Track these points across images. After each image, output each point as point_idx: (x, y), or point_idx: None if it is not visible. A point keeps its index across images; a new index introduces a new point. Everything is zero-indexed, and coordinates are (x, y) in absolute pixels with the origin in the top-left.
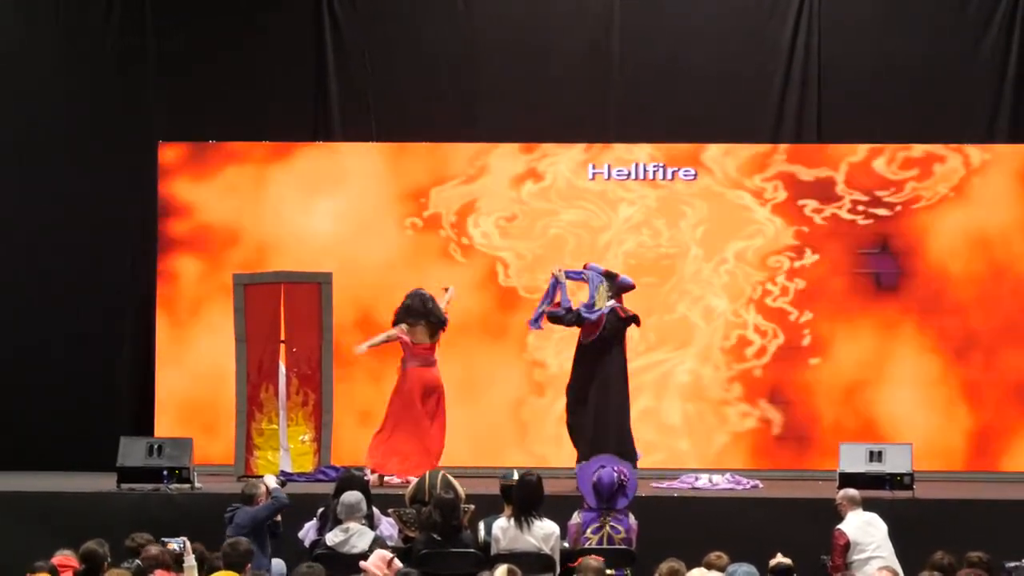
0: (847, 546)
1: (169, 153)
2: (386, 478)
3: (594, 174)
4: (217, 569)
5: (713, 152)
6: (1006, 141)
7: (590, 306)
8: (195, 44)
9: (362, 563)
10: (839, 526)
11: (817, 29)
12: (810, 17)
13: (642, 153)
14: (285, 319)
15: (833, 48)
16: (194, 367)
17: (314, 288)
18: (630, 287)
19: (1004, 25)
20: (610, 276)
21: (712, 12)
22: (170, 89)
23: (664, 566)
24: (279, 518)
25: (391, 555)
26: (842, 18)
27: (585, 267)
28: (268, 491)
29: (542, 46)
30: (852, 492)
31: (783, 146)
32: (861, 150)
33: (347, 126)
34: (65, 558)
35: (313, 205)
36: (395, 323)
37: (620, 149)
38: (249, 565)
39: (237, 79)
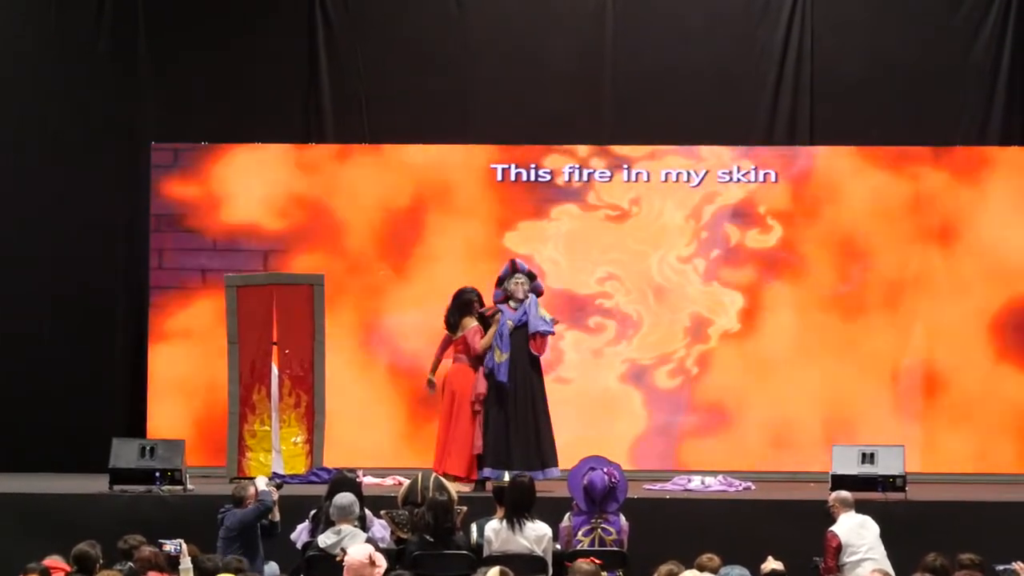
0: (839, 548)
1: (161, 154)
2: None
3: None
4: (209, 571)
5: None
6: (998, 143)
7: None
8: (187, 45)
9: (347, 559)
10: (831, 528)
11: (810, 31)
12: (803, 19)
13: None
14: (277, 321)
15: (826, 50)
16: (187, 368)
17: (306, 290)
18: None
19: (997, 27)
20: (531, 276)
21: (705, 13)
22: (162, 90)
23: (664, 568)
24: (277, 518)
25: (371, 549)
26: (835, 20)
27: (514, 264)
28: (257, 493)
29: (535, 47)
30: (844, 494)
31: None
32: None
33: (340, 128)
34: (55, 562)
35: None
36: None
37: None
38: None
39: (229, 80)
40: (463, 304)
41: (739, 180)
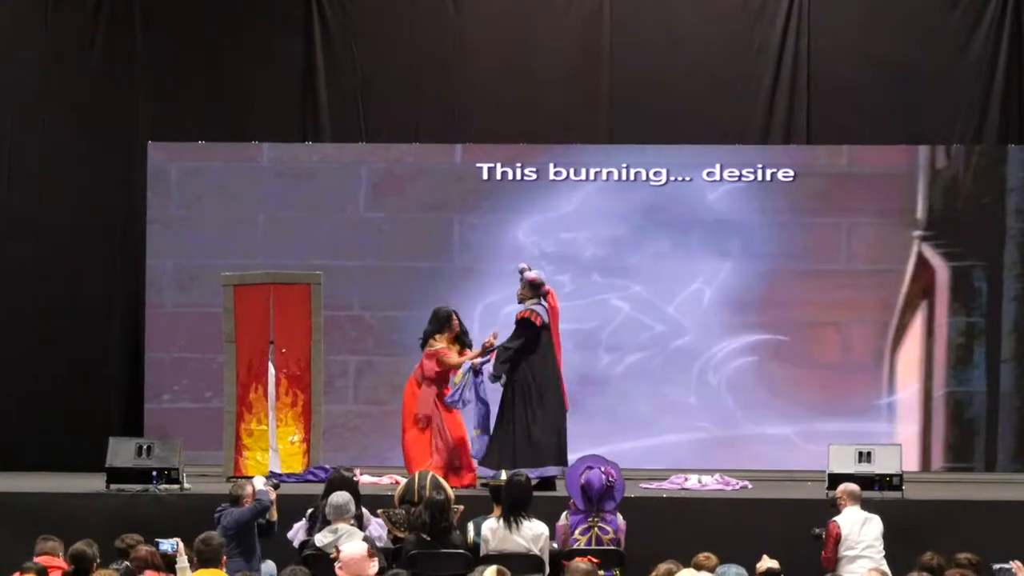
0: (838, 538)
1: (158, 153)
2: None
3: None
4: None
5: None
6: (995, 142)
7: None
8: (183, 43)
9: (343, 553)
10: (835, 518)
11: (806, 31)
12: (799, 19)
13: None
14: (274, 320)
15: (822, 49)
16: (184, 367)
17: (304, 289)
18: (531, 282)
19: (993, 26)
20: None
21: (701, 14)
22: (158, 89)
23: (662, 567)
24: (275, 518)
25: (366, 547)
26: (831, 19)
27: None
28: (254, 492)
29: (532, 47)
30: (853, 487)
31: None
32: None
33: (336, 127)
34: (51, 559)
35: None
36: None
37: None
38: (225, 559)
39: (226, 79)
40: (439, 320)
41: (735, 180)
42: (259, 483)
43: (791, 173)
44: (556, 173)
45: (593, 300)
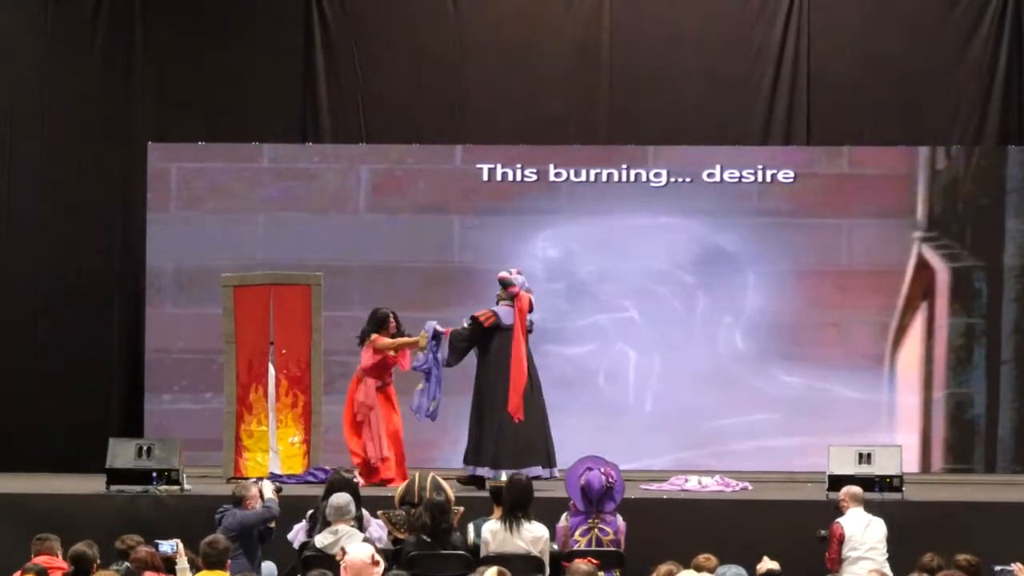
0: (842, 539)
1: (158, 153)
2: None
3: None
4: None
5: None
6: (995, 143)
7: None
8: (184, 44)
9: (348, 558)
10: (838, 520)
11: (806, 31)
12: (799, 19)
13: None
14: (275, 321)
15: (822, 49)
16: (184, 368)
17: (304, 290)
18: (499, 280)
19: (993, 26)
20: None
21: (702, 14)
22: (158, 89)
23: (663, 568)
24: (274, 525)
25: (372, 549)
26: (831, 20)
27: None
28: (261, 495)
29: (532, 47)
30: (856, 489)
31: None
32: None
33: (337, 127)
34: (50, 558)
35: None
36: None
37: None
38: (229, 562)
39: (226, 80)
40: (376, 320)
41: (735, 180)
42: (268, 490)
43: (791, 173)
44: (556, 174)
45: (592, 300)
